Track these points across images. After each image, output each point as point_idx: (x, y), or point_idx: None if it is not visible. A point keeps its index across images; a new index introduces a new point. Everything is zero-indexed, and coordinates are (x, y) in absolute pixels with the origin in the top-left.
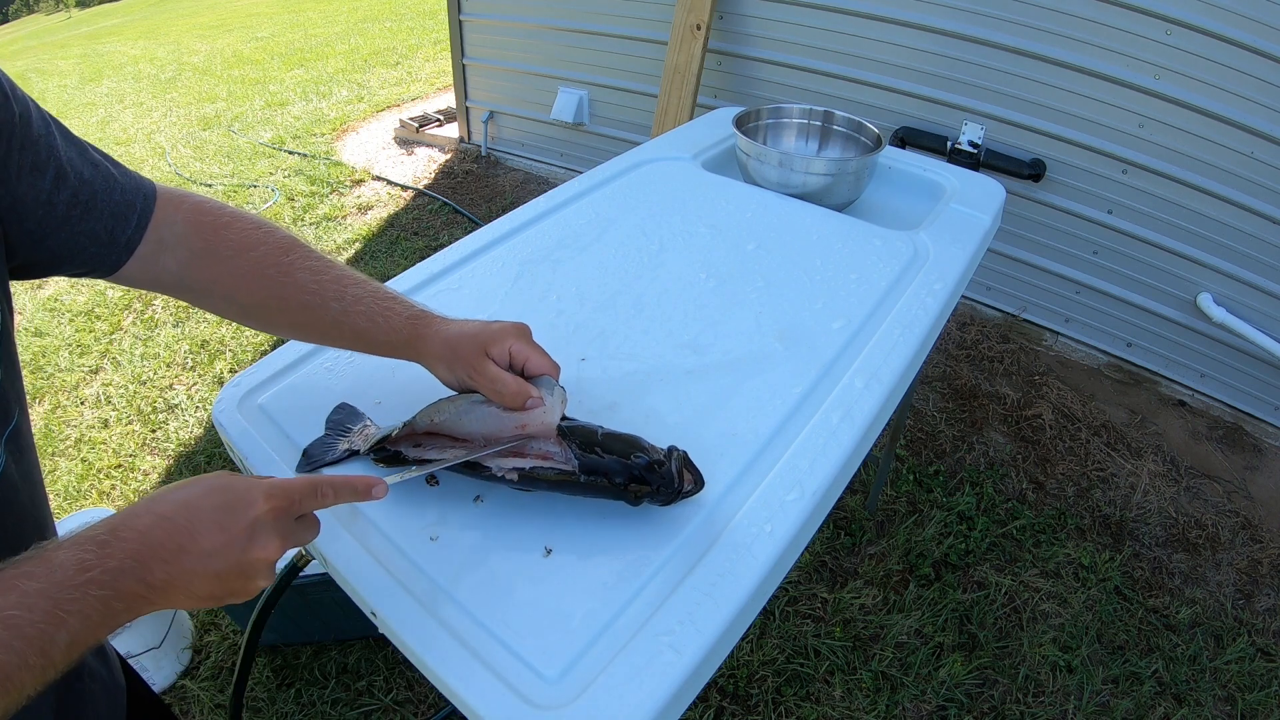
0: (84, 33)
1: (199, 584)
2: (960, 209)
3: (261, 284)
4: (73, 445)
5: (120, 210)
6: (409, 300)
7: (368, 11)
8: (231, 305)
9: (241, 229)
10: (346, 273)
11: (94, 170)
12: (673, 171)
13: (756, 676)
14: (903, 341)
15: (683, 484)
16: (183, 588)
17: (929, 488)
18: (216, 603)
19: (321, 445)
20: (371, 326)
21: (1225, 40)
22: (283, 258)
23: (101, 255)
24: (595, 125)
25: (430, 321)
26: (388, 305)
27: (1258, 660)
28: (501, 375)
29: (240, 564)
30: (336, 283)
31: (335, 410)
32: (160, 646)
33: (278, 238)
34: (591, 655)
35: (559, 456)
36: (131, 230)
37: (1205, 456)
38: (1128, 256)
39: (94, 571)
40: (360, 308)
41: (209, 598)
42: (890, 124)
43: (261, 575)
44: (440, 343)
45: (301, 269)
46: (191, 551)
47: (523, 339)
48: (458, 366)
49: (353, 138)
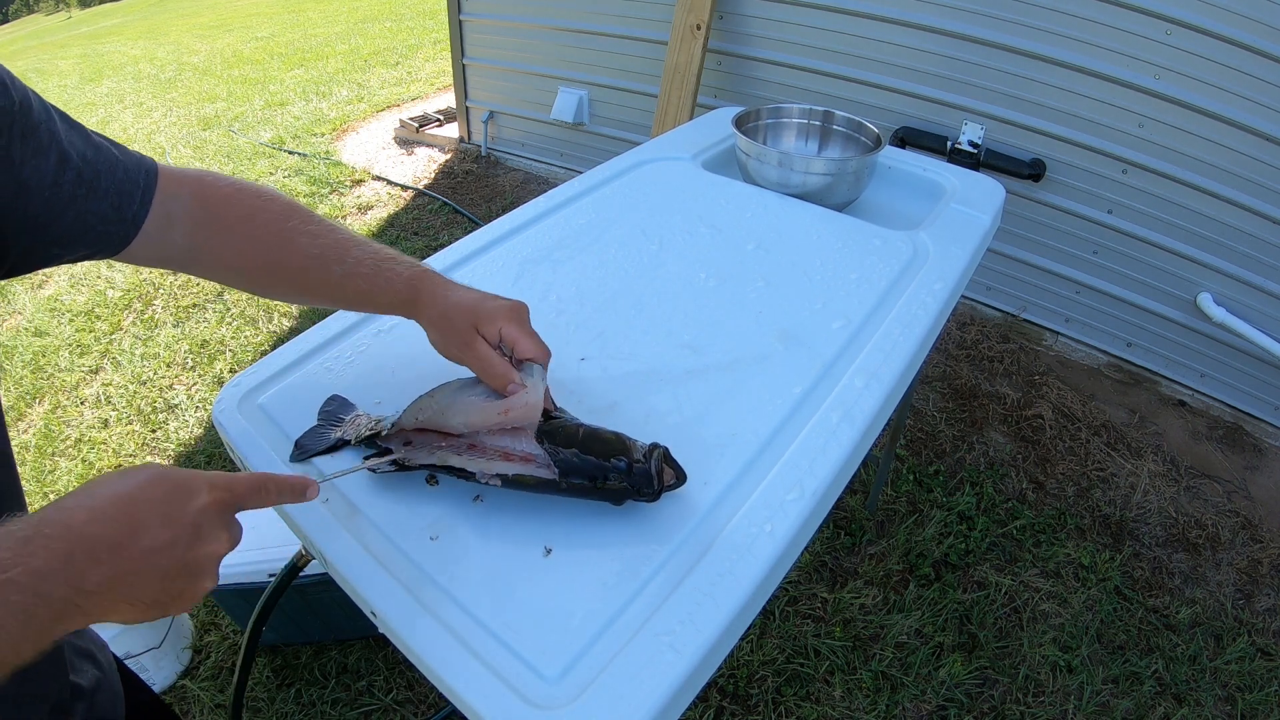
0: (84, 33)
1: (142, 586)
2: (960, 209)
3: (264, 250)
4: (73, 445)
5: (125, 187)
6: (410, 259)
7: (368, 11)
8: (238, 275)
9: (243, 199)
10: (347, 235)
11: (96, 151)
12: (673, 171)
13: (756, 676)
14: (903, 341)
15: (662, 482)
16: (123, 592)
17: (929, 488)
18: (160, 611)
19: (313, 435)
20: (372, 288)
21: (1225, 40)
22: (284, 224)
23: (110, 233)
24: (595, 125)
25: (430, 283)
26: (389, 266)
27: (1258, 660)
28: (489, 355)
29: (186, 562)
30: (338, 245)
31: (327, 402)
32: (160, 646)
33: (279, 205)
34: (591, 655)
35: (541, 459)
36: (137, 205)
37: (1205, 456)
38: (1128, 256)
39: (13, 572)
40: (362, 269)
41: (152, 604)
42: (890, 124)
43: (208, 574)
44: (436, 308)
45: (302, 233)
46: (131, 549)
47: (515, 321)
48: (450, 338)
49: (353, 138)
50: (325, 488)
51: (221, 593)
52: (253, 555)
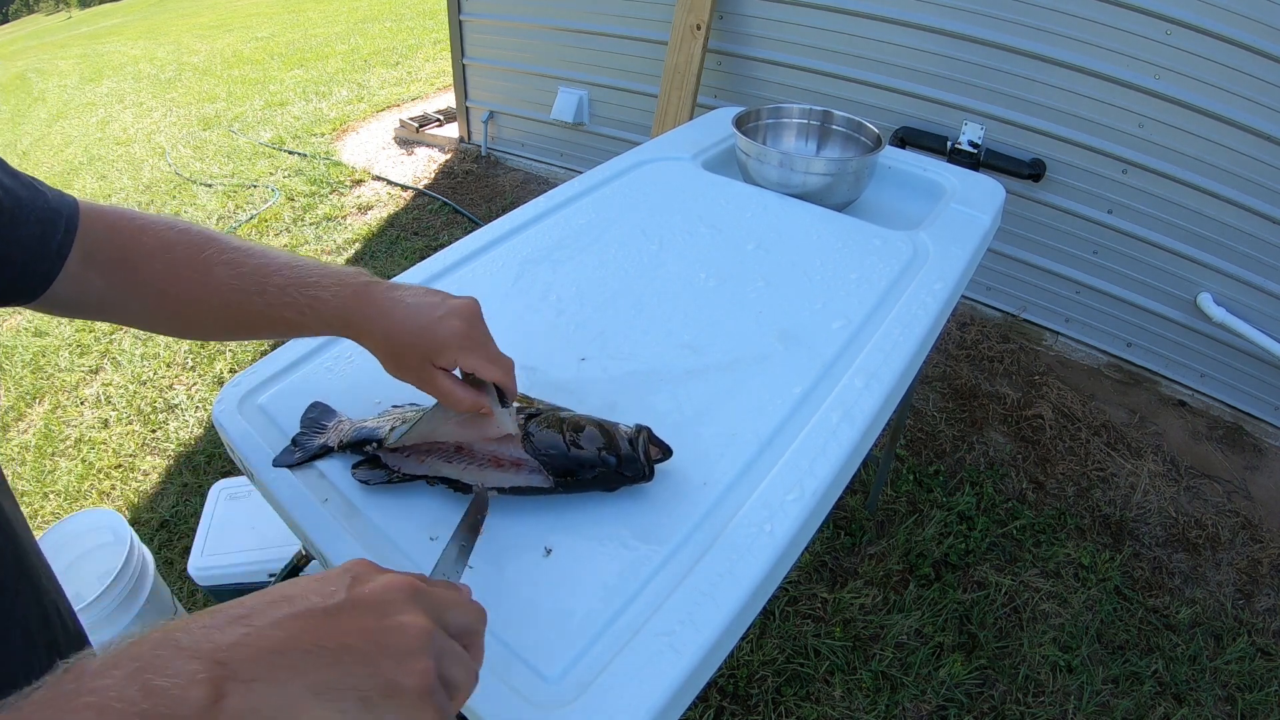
0: (84, 33)
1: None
2: (960, 209)
3: (181, 287)
4: (73, 445)
5: (48, 217)
6: (338, 277)
7: (368, 11)
8: (156, 316)
9: (156, 231)
10: (268, 260)
11: (14, 180)
12: (673, 171)
13: (756, 676)
14: (903, 341)
15: (651, 465)
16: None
17: (929, 488)
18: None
19: (300, 440)
20: (301, 319)
21: (1225, 40)
22: (198, 255)
23: (33, 265)
24: (595, 125)
25: (363, 307)
26: (314, 294)
27: (1258, 660)
28: (450, 389)
29: (368, 631)
30: (257, 273)
31: (309, 409)
32: None
33: (192, 235)
34: (591, 655)
35: (530, 464)
36: (60, 236)
37: (1205, 456)
38: (1128, 256)
39: None
40: (286, 299)
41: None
42: (890, 124)
43: (420, 653)
44: (375, 337)
45: (219, 263)
46: (261, 613)
47: (468, 348)
48: (404, 371)
49: (353, 138)
50: (325, 487)
51: (221, 593)
52: (253, 555)
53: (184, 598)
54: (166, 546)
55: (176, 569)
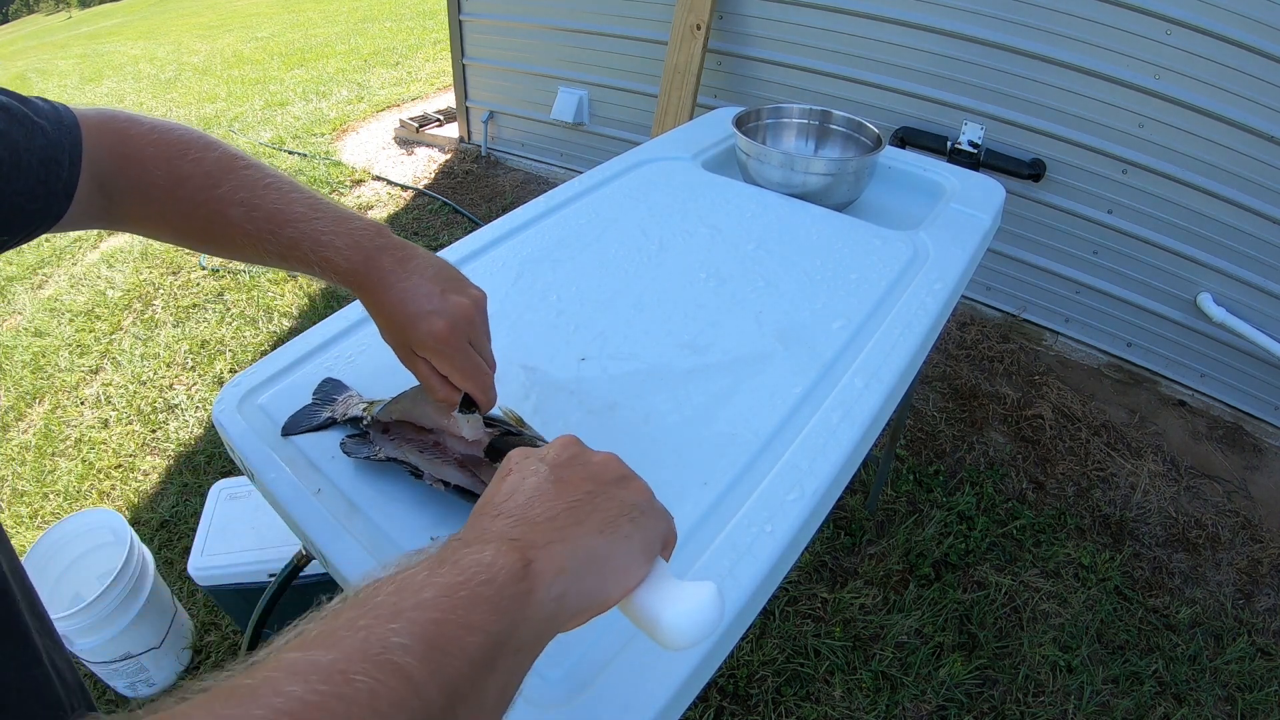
0: (84, 33)
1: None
2: (960, 209)
3: (194, 224)
4: (73, 445)
5: (49, 154)
6: (354, 233)
7: (368, 11)
8: (173, 237)
9: (167, 162)
10: (283, 206)
11: (7, 119)
12: (673, 171)
13: (756, 676)
14: (903, 341)
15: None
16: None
17: (929, 488)
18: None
19: (304, 413)
20: (311, 271)
21: (1225, 40)
22: (213, 191)
23: (41, 211)
24: (595, 125)
25: (369, 270)
26: (324, 255)
27: (1258, 660)
28: (427, 376)
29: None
30: (270, 220)
31: (322, 384)
32: (160, 647)
33: (206, 165)
34: (591, 655)
35: (487, 474)
36: (65, 172)
37: (1205, 456)
38: (1128, 256)
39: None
40: (298, 253)
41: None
42: (890, 124)
43: (630, 475)
44: (373, 305)
45: (233, 203)
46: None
47: (441, 355)
48: (392, 345)
49: (353, 138)
50: (324, 485)
51: (221, 593)
52: (253, 555)
53: (184, 598)
54: (166, 546)
55: (176, 569)
